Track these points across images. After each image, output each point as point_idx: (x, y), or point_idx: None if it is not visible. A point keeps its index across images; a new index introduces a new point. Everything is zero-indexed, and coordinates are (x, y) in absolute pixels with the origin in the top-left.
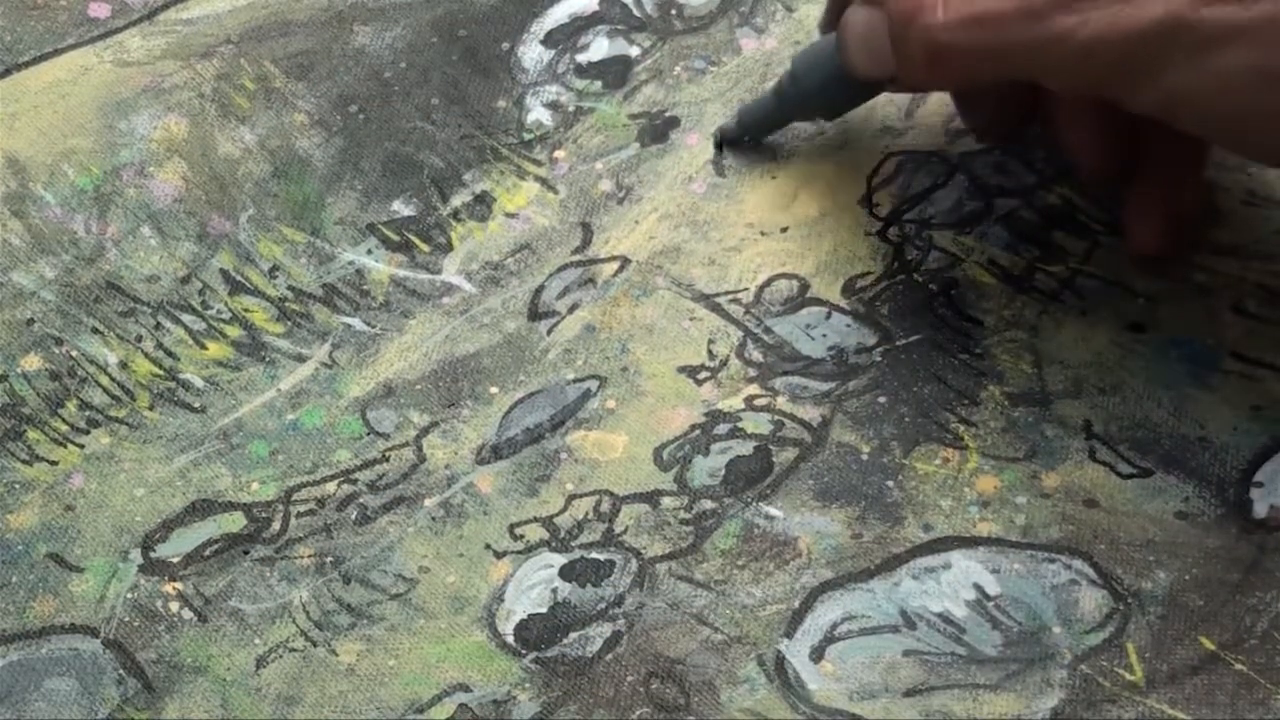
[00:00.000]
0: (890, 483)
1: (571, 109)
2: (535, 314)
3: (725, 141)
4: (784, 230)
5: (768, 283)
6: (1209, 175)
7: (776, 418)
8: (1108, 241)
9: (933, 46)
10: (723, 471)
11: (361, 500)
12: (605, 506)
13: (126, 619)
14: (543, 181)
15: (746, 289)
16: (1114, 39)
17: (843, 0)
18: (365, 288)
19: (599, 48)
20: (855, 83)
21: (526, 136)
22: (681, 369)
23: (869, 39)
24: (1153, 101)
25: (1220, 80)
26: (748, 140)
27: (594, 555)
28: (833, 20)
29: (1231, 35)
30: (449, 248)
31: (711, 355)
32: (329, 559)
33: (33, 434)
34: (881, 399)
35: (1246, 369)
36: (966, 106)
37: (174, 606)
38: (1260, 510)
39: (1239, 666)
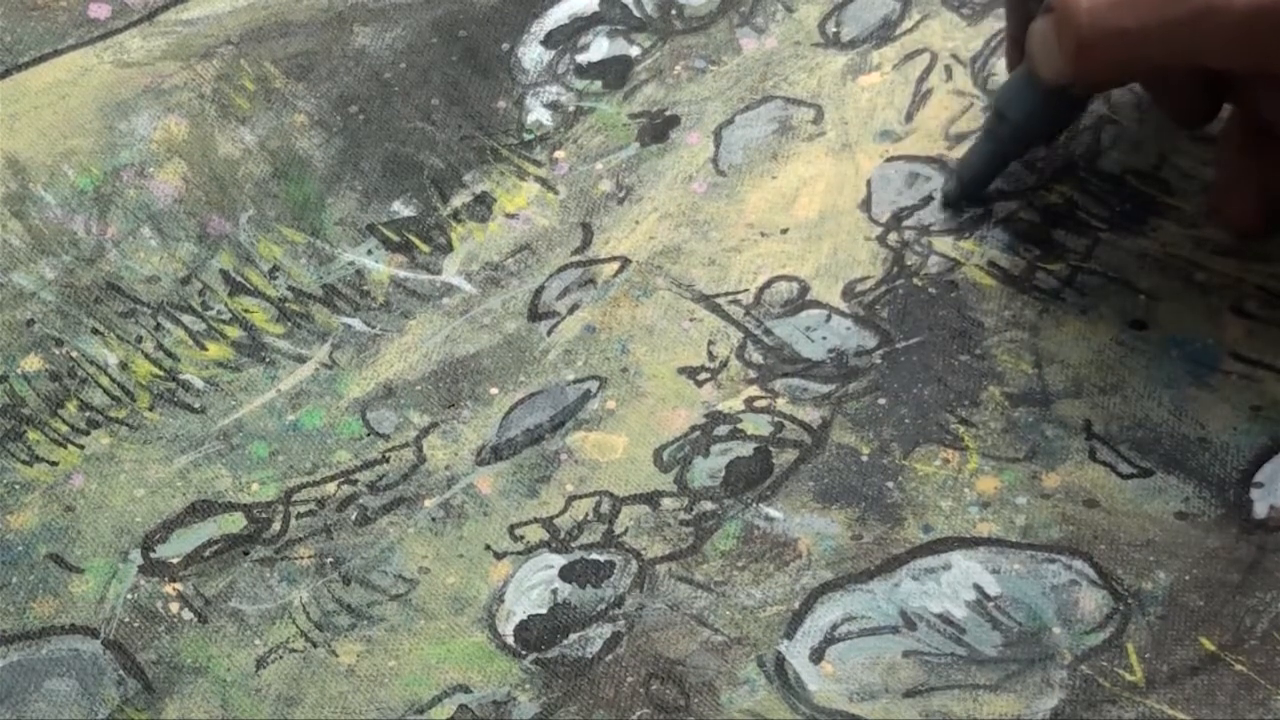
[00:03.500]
0: (890, 484)
1: (571, 109)
2: (535, 314)
3: (949, 204)
4: (784, 232)
5: (768, 284)
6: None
7: (776, 419)
8: (1108, 238)
9: (1079, 38)
10: (723, 473)
11: (361, 501)
12: (605, 507)
13: (126, 619)
14: (543, 182)
15: (746, 290)
16: (1277, 7)
17: (1016, 34)
18: (365, 288)
19: (599, 48)
20: (1056, 99)
21: (526, 137)
22: (681, 370)
23: (1044, 44)
24: None
25: None
26: (970, 196)
27: (594, 556)
28: (1014, 53)
29: None
30: (449, 248)
31: (711, 356)
32: (329, 559)
33: (33, 434)
34: (881, 401)
35: (1246, 369)
36: (1155, 93)
37: (174, 607)
38: (1260, 510)
39: (1239, 667)
